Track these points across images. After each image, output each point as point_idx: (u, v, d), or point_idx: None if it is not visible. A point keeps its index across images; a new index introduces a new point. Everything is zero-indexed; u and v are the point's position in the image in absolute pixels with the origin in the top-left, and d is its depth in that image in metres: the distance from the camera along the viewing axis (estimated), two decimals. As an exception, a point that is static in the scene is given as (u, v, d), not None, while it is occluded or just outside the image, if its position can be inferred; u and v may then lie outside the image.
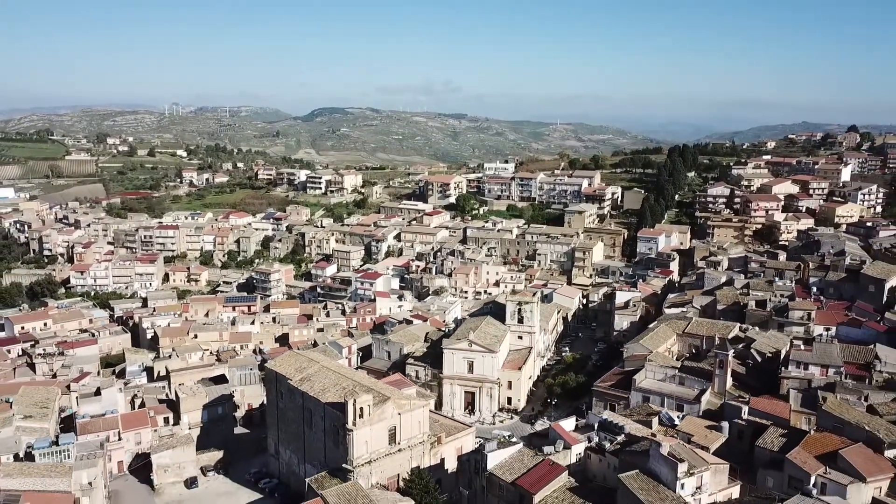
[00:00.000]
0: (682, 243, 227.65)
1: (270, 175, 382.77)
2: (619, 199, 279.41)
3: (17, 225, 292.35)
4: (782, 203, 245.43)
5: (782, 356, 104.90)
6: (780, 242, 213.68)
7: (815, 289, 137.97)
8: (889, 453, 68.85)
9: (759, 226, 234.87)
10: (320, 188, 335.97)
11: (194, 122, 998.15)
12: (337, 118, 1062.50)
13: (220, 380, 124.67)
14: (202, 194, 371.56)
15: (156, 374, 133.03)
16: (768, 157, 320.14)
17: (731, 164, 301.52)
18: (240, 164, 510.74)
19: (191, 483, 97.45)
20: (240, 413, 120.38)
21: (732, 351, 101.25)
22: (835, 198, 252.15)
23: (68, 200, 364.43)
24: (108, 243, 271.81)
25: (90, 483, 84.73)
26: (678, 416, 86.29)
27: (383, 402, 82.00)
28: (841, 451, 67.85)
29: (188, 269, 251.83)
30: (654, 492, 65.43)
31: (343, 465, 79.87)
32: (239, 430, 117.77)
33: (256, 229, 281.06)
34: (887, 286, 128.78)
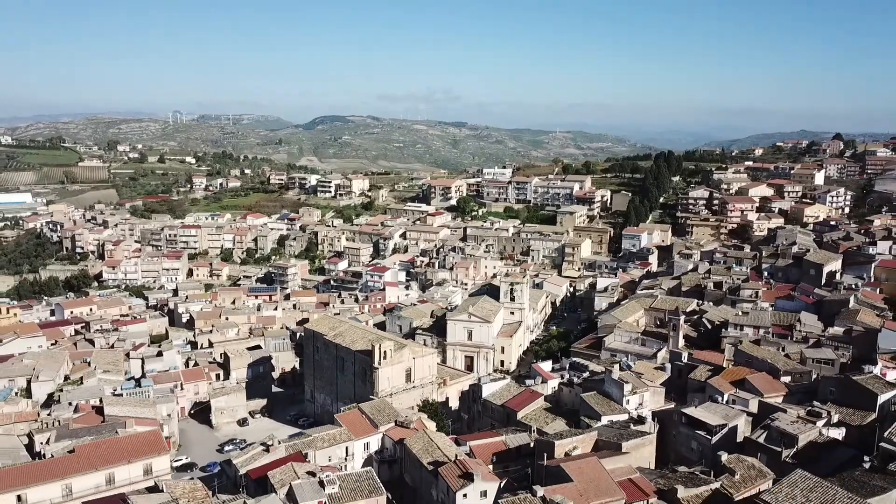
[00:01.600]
0: (663, 240, 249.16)
1: (282, 180, 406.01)
2: (609, 201, 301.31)
3: (50, 225, 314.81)
4: (757, 204, 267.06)
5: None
6: (752, 240, 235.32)
7: (766, 273, 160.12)
8: (784, 379, 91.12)
9: (734, 225, 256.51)
10: (330, 192, 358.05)
11: (197, 129, 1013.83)
12: (338, 126, 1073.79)
13: (255, 350, 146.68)
14: (218, 197, 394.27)
15: (199, 346, 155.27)
16: (750, 162, 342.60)
17: (714, 168, 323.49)
18: (247, 171, 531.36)
19: (242, 422, 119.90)
20: (275, 375, 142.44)
21: (684, 317, 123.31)
22: (805, 200, 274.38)
23: (84, 205, 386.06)
24: (135, 241, 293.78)
25: (169, 415, 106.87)
26: (634, 363, 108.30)
27: (401, 347, 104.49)
28: (748, 377, 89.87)
29: (210, 264, 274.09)
30: (606, 406, 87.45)
31: (370, 397, 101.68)
32: (275, 390, 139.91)
33: (272, 229, 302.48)
34: (825, 270, 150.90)
